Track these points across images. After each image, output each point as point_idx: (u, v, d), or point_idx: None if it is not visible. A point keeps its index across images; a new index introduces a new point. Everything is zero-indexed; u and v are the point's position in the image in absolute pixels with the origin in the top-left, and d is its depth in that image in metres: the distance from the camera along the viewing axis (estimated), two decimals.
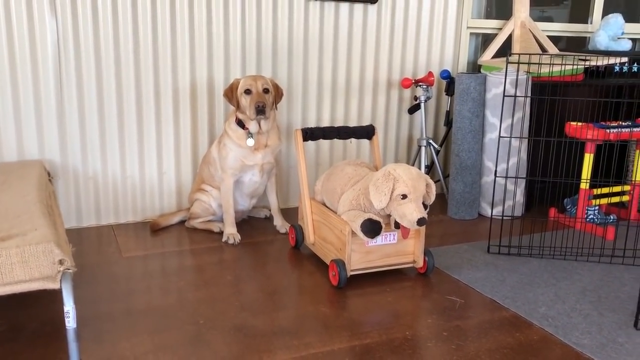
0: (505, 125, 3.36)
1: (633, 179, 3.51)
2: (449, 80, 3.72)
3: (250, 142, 2.99)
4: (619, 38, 4.07)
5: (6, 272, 1.76)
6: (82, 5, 2.98)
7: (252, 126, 2.98)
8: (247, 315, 2.27)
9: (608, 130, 3.19)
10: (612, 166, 3.84)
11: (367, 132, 2.94)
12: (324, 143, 3.71)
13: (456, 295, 2.49)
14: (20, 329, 2.15)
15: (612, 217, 3.45)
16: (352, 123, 3.75)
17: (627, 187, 3.51)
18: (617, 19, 4.01)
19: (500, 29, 4.00)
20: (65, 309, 1.83)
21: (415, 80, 3.61)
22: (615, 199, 3.47)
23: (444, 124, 3.90)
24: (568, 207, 3.52)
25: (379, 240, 2.57)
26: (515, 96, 2.96)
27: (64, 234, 2.17)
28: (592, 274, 2.74)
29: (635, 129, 3.28)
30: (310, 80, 3.56)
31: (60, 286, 1.81)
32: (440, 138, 3.97)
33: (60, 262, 1.81)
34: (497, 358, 2.00)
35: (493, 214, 3.46)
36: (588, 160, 3.28)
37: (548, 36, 4.05)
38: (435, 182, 3.82)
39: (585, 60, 3.61)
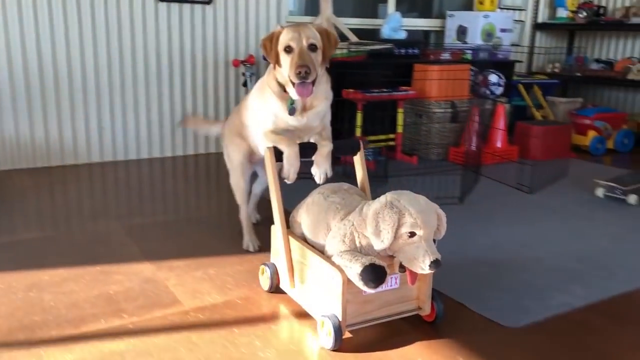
0: None
1: (397, 130, 4.99)
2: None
3: (292, 112, 2.41)
4: (399, 29, 5.55)
5: None
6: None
7: (293, 91, 2.36)
8: None
9: (369, 94, 4.63)
10: (383, 120, 5.23)
11: (351, 148, 2.50)
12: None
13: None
14: None
15: (382, 157, 4.91)
16: (210, 102, 5.02)
17: (392, 135, 4.98)
18: (396, 15, 5.48)
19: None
20: None
21: (241, 60, 4.92)
22: (384, 144, 4.94)
23: None
24: None
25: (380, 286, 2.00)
26: None
27: None
28: None
29: (393, 93, 4.74)
30: (164, 73, 4.80)
31: None
32: None
33: None
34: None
35: None
36: (359, 115, 4.71)
37: (352, 29, 5.46)
38: None
39: (365, 45, 5.04)
